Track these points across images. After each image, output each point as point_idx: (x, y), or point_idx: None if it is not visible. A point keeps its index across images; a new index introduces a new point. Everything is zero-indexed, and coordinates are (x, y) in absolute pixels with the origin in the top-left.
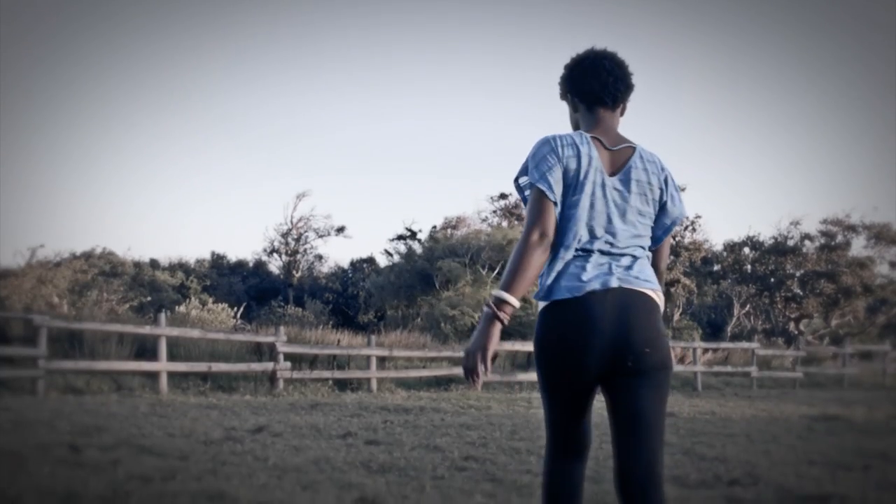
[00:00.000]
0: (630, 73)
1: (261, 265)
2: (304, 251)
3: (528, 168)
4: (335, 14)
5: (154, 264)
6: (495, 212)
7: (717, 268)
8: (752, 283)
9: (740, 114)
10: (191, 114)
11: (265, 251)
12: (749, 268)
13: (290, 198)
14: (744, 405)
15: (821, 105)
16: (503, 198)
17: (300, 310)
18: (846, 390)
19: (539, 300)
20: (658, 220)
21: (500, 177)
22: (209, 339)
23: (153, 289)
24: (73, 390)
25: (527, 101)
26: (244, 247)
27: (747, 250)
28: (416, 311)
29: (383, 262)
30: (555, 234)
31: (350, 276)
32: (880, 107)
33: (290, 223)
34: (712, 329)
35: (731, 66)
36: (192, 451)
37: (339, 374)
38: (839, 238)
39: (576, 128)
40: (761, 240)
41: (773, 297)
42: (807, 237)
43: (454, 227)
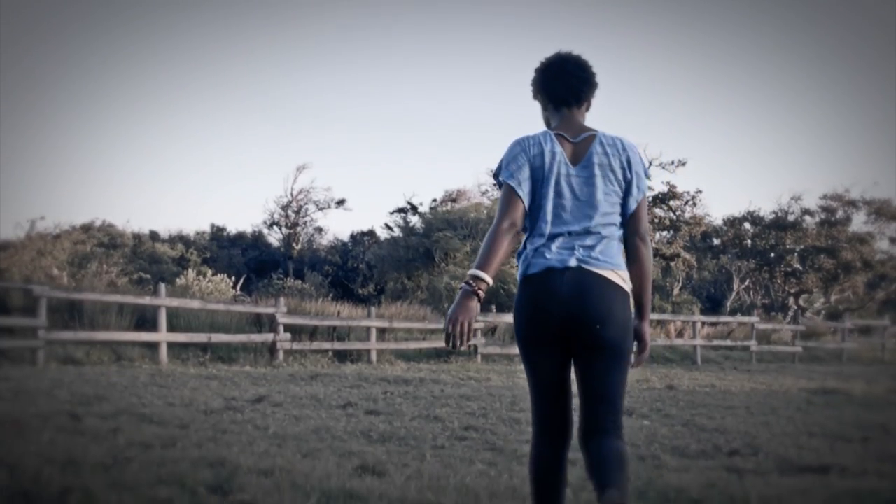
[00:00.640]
0: (593, 74)
1: (260, 237)
2: (304, 224)
3: (502, 166)
4: None
5: (154, 236)
6: (495, 185)
7: (716, 242)
8: (752, 258)
9: (742, 88)
10: (191, 86)
11: (265, 224)
12: (749, 243)
13: (291, 170)
14: (743, 378)
15: (822, 79)
16: None
17: (300, 282)
18: (845, 365)
19: (519, 277)
20: (626, 195)
21: (501, 150)
22: (209, 311)
23: (153, 261)
24: (73, 361)
25: (528, 74)
26: (244, 219)
27: (747, 225)
28: (416, 284)
29: (383, 235)
30: (529, 222)
31: (350, 248)
32: (881, 82)
33: (290, 195)
34: (712, 304)
35: (732, 41)
36: (193, 420)
37: (338, 346)
38: (839, 213)
39: (547, 124)
40: (761, 215)
41: (772, 272)
42: (807, 212)
43: (454, 200)
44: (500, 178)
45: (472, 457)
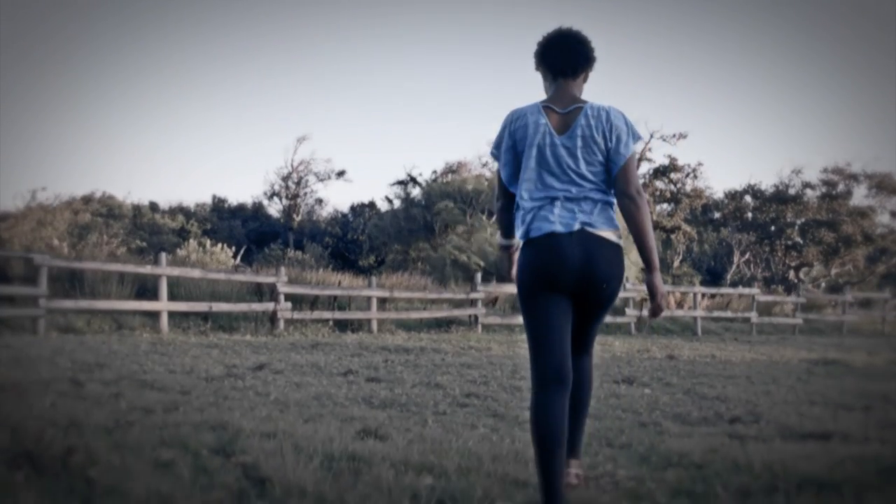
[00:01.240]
0: (591, 49)
1: (261, 209)
2: (305, 195)
3: (493, 144)
4: None
5: (154, 207)
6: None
7: (717, 216)
8: (753, 231)
9: (743, 61)
10: (191, 57)
11: (265, 195)
12: (750, 216)
13: (291, 141)
14: (743, 349)
15: (824, 52)
16: None
17: (300, 253)
18: (845, 337)
19: (520, 239)
20: (609, 160)
21: (501, 122)
22: (210, 280)
23: (153, 231)
24: (74, 330)
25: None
26: (244, 191)
27: (748, 198)
28: (417, 256)
29: (384, 207)
30: (519, 187)
31: (350, 220)
32: (883, 55)
33: (291, 167)
34: (712, 277)
35: (733, 15)
36: (194, 387)
37: (339, 315)
38: (840, 187)
39: (547, 93)
40: (762, 188)
41: (773, 245)
42: (808, 186)
43: (454, 172)
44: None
45: (473, 422)
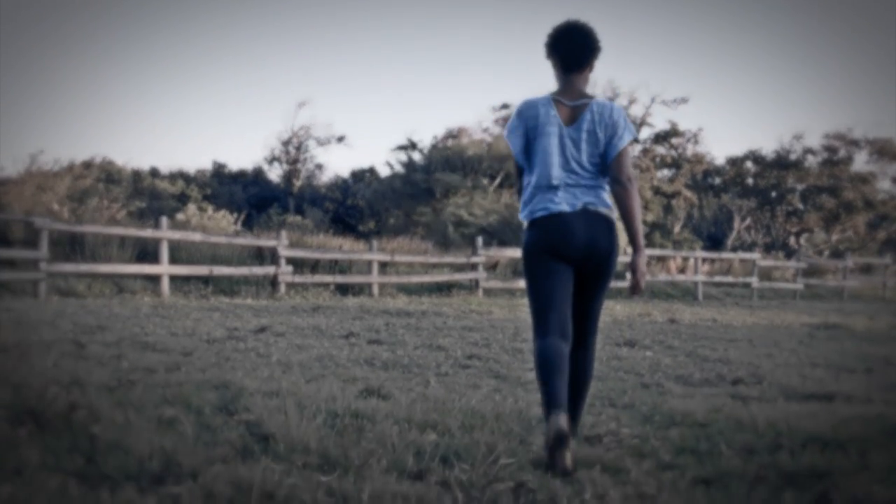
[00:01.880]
0: (596, 41)
1: (261, 174)
2: (305, 160)
3: (506, 130)
4: None
5: (154, 172)
6: (497, 121)
7: (718, 181)
8: (754, 196)
9: (744, 24)
10: (192, 21)
11: (266, 160)
12: (750, 181)
13: (292, 106)
14: (745, 313)
15: (825, 17)
16: (505, 108)
17: (300, 217)
18: (846, 302)
19: (523, 219)
20: (606, 150)
21: (502, 87)
22: (211, 244)
23: (153, 196)
24: (75, 293)
25: (530, 11)
26: (245, 157)
27: (749, 164)
28: (417, 221)
29: (384, 172)
30: (528, 172)
31: (350, 185)
32: (886, 20)
33: (291, 131)
34: (712, 243)
35: None
36: (196, 348)
37: (340, 279)
38: (841, 153)
39: (557, 81)
40: (763, 154)
41: (773, 211)
42: (809, 151)
43: (455, 138)
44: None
45: (476, 383)
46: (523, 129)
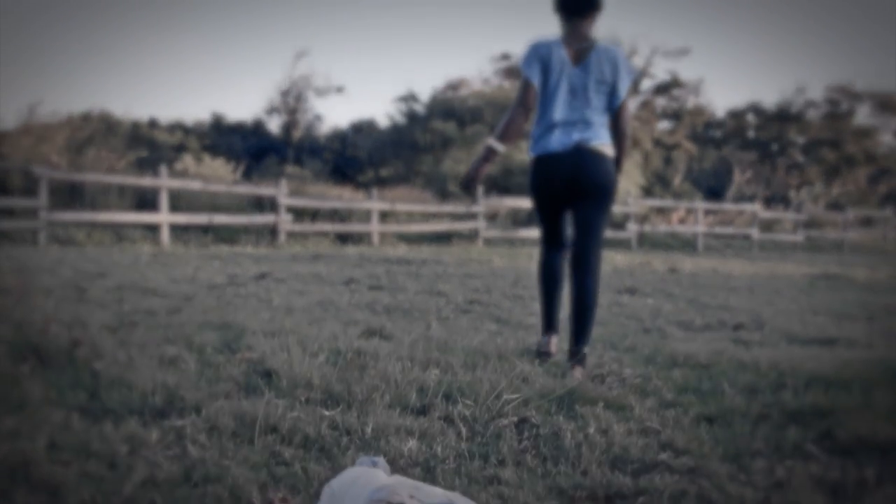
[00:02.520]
0: None
1: (260, 125)
2: (304, 111)
3: (522, 63)
4: None
5: (153, 123)
6: (496, 72)
7: (718, 134)
8: (754, 149)
9: None
10: None
11: (264, 111)
12: (751, 134)
13: (290, 57)
14: (745, 264)
15: None
16: (505, 58)
17: (299, 168)
18: (846, 254)
19: (530, 152)
20: (611, 95)
21: (503, 37)
22: (210, 192)
23: (152, 147)
24: (74, 242)
25: None
26: (244, 108)
27: (750, 116)
28: (417, 171)
29: (384, 123)
30: (538, 109)
31: (350, 136)
32: None
33: (290, 81)
34: (712, 195)
35: None
36: (196, 294)
37: (340, 228)
38: (843, 106)
39: (562, 31)
40: (764, 106)
41: (774, 164)
42: (811, 104)
43: (455, 89)
44: (521, 72)
45: (477, 326)
46: (541, 67)
